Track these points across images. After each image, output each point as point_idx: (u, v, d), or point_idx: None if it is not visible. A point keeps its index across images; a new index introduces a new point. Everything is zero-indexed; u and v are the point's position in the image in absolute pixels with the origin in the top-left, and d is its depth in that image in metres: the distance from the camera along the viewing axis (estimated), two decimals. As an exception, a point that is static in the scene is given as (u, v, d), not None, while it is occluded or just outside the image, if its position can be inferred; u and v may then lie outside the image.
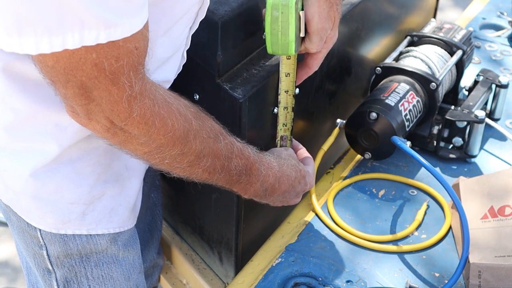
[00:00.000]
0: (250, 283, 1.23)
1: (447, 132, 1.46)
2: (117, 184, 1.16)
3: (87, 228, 1.14)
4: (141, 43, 0.87)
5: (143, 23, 0.85)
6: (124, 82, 0.87)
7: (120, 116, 0.90)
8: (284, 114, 1.26)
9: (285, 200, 1.23)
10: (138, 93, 0.90)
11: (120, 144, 0.97)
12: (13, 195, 1.13)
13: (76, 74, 0.84)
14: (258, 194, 1.16)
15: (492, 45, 1.83)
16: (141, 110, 0.91)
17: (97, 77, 0.85)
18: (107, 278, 1.20)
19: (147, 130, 0.94)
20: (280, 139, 1.28)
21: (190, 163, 1.03)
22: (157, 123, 0.94)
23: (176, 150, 0.99)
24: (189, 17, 1.08)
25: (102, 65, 0.84)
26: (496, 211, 1.24)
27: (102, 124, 0.92)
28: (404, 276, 1.23)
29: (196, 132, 1.01)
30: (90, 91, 0.86)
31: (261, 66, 1.24)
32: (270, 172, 1.16)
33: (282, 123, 1.27)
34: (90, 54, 0.82)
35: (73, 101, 0.89)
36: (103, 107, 0.89)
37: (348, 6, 1.41)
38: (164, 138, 0.96)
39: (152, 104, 0.93)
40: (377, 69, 1.48)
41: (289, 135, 1.29)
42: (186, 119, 0.99)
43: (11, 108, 1.02)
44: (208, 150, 1.04)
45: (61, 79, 0.85)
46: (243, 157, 1.10)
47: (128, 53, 0.85)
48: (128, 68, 0.86)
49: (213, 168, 1.06)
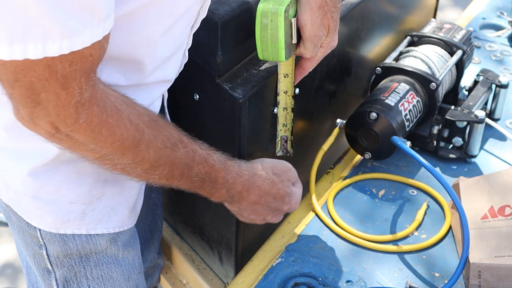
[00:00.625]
0: (250, 283, 1.23)
1: (447, 132, 1.46)
2: (117, 184, 1.16)
3: (86, 227, 1.14)
4: (97, 51, 0.86)
5: (103, 34, 0.84)
6: (74, 87, 0.85)
7: (66, 121, 0.88)
8: (284, 114, 1.26)
9: (257, 212, 1.21)
10: (87, 100, 0.88)
11: (69, 149, 0.95)
12: (13, 195, 1.13)
13: (26, 74, 0.82)
14: (225, 199, 1.16)
15: (492, 45, 1.83)
16: (88, 117, 0.89)
17: (47, 79, 0.83)
18: (107, 278, 1.20)
19: (93, 138, 0.92)
20: (280, 139, 1.28)
21: (145, 171, 1.01)
22: (104, 132, 0.92)
23: (126, 159, 0.98)
24: (190, 15, 1.08)
25: (55, 68, 0.82)
26: (496, 211, 1.24)
27: (47, 130, 0.90)
28: (404, 276, 1.23)
29: (148, 142, 0.99)
30: (38, 93, 0.84)
31: (261, 66, 1.24)
32: (238, 180, 1.14)
33: (282, 124, 1.27)
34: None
35: (19, 103, 0.87)
36: (49, 111, 0.87)
37: (348, 6, 1.41)
38: (112, 146, 0.95)
39: (100, 112, 0.91)
40: (377, 69, 1.48)
41: (290, 136, 1.29)
42: (137, 129, 0.97)
43: (10, 107, 1.02)
44: (164, 159, 1.02)
45: (10, 78, 0.83)
46: (207, 165, 1.09)
47: (83, 58, 0.84)
48: (80, 74, 0.85)
49: (171, 175, 1.05)
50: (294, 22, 1.13)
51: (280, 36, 1.12)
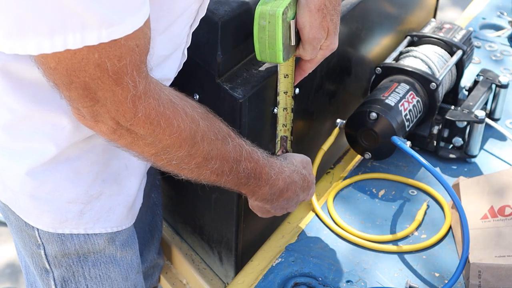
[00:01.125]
0: (250, 283, 1.23)
1: (447, 132, 1.46)
2: (115, 183, 1.16)
3: (84, 227, 1.14)
4: (142, 41, 0.86)
5: (144, 20, 0.85)
6: (127, 82, 0.86)
7: (126, 116, 0.90)
8: (284, 115, 1.26)
9: (286, 206, 1.23)
10: (143, 92, 0.89)
11: (127, 146, 0.96)
12: (11, 194, 1.13)
13: (79, 75, 0.84)
14: (266, 197, 1.16)
15: (492, 45, 1.83)
16: (146, 110, 0.91)
17: (100, 78, 0.84)
18: (105, 278, 1.20)
19: (152, 130, 0.93)
20: (280, 139, 1.28)
21: (198, 165, 1.02)
22: (162, 123, 0.94)
23: (183, 152, 0.99)
24: (189, 14, 1.08)
25: (105, 65, 0.83)
26: (496, 211, 1.24)
27: (109, 126, 0.91)
28: (404, 276, 1.23)
29: (203, 133, 1.00)
30: (94, 92, 0.86)
31: (261, 66, 1.24)
32: (280, 176, 1.16)
33: (282, 124, 1.27)
34: (92, 54, 0.82)
35: (79, 103, 0.88)
36: (108, 108, 0.88)
37: (348, 6, 1.41)
38: (170, 138, 0.96)
39: (157, 104, 0.92)
40: (377, 69, 1.48)
41: (289, 136, 1.29)
42: (193, 120, 0.99)
43: (8, 108, 1.02)
44: (216, 152, 1.03)
45: (64, 81, 0.85)
46: (252, 160, 1.10)
47: (130, 51, 0.85)
48: (131, 68, 0.86)
49: (221, 170, 1.05)
50: (293, 24, 1.13)
51: (278, 38, 1.11)
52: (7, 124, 1.04)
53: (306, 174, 1.23)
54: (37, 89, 0.99)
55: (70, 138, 1.06)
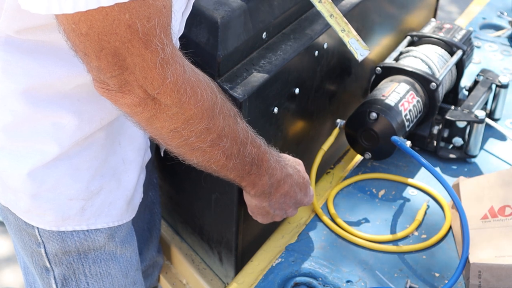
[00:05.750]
0: (250, 283, 1.23)
1: (447, 132, 1.46)
2: (113, 178, 1.16)
3: (87, 223, 1.15)
4: (167, 2, 0.87)
5: None
6: (156, 43, 0.86)
7: (154, 83, 0.89)
8: (335, 21, 1.24)
9: (284, 206, 1.23)
10: (170, 56, 0.89)
11: (148, 120, 0.95)
12: (11, 196, 1.12)
13: (109, 40, 0.83)
14: (264, 189, 1.16)
15: (492, 45, 1.83)
16: (174, 76, 0.90)
17: (130, 41, 0.84)
18: (105, 275, 1.20)
19: (179, 99, 0.93)
20: (350, 45, 1.25)
21: (212, 143, 1.02)
22: (188, 91, 0.93)
23: (202, 124, 0.98)
24: (181, 1, 1.08)
25: (135, 26, 0.83)
26: (496, 211, 1.24)
27: (136, 95, 0.90)
28: (404, 276, 1.23)
29: (220, 106, 1.01)
30: (123, 58, 0.86)
31: (261, 66, 1.24)
32: (278, 165, 1.16)
33: (340, 30, 1.24)
34: (123, 14, 0.82)
35: (107, 73, 0.88)
36: (136, 75, 0.88)
37: (348, 6, 1.41)
38: (195, 108, 0.95)
39: (183, 71, 0.92)
40: (377, 69, 1.48)
41: (355, 36, 1.25)
42: (212, 90, 0.99)
43: (10, 110, 1.02)
44: (228, 129, 1.03)
45: (95, 48, 0.84)
46: (256, 145, 1.10)
47: (158, 12, 0.85)
48: (160, 29, 0.86)
49: (231, 152, 1.05)
50: None
51: None
52: (8, 125, 1.04)
53: (300, 170, 1.24)
54: (38, 89, 1.00)
55: (72, 136, 1.06)
